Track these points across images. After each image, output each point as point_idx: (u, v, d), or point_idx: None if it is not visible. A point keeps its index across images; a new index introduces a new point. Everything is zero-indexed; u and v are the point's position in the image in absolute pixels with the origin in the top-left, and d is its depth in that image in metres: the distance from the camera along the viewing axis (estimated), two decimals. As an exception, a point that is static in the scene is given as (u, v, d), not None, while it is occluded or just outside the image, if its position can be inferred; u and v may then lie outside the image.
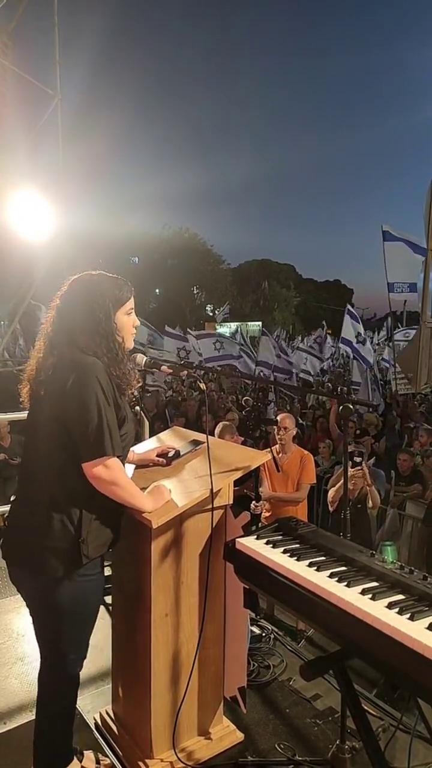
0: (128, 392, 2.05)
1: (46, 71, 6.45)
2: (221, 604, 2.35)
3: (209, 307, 46.97)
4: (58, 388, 1.88)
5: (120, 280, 2.07)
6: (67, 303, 2.02)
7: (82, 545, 1.90)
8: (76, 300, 2.00)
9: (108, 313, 1.99)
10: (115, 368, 1.97)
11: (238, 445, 2.74)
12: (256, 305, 47.13)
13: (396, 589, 1.70)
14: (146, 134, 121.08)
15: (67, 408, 1.87)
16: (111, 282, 2.04)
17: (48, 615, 1.98)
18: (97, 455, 1.85)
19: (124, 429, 2.03)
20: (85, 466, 1.86)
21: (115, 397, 1.96)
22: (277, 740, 2.47)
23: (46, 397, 1.93)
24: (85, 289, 2.01)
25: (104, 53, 68.94)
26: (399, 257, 12.03)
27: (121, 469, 1.95)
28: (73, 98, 7.40)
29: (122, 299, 2.04)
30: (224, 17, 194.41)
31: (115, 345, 1.99)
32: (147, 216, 46.39)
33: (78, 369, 1.88)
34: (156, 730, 2.19)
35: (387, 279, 12.33)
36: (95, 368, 1.90)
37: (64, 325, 1.99)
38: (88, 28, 31.76)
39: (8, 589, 3.78)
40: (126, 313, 2.06)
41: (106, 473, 1.87)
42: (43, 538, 1.89)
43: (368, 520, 4.67)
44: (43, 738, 2.11)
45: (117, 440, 1.91)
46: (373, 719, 2.52)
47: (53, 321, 2.04)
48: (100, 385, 1.88)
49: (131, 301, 2.07)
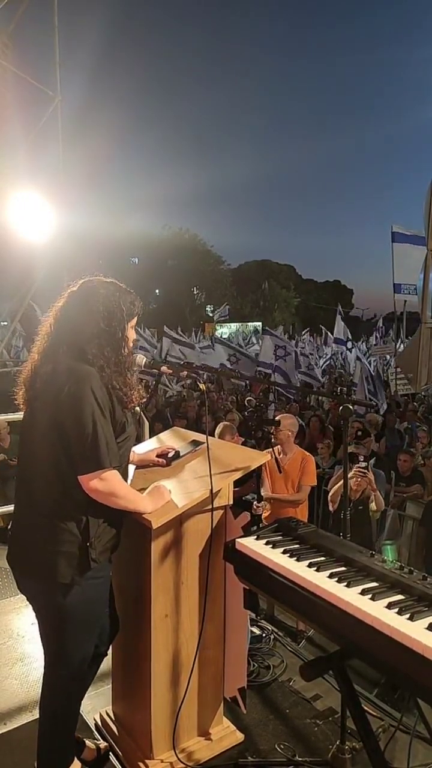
0: (130, 405, 2.02)
1: (46, 72, 6.46)
2: (221, 605, 2.35)
3: (209, 307, 46.98)
4: (53, 399, 1.87)
5: (133, 294, 2.07)
6: (76, 308, 1.98)
7: (90, 549, 1.90)
8: (92, 308, 1.96)
9: (123, 326, 2.00)
10: (118, 380, 1.96)
11: (237, 445, 2.74)
12: (256, 306, 47.14)
13: (396, 590, 1.70)
14: (146, 135, 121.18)
15: (62, 420, 1.86)
16: (127, 295, 2.05)
17: (57, 619, 1.97)
18: (93, 468, 1.84)
19: (124, 434, 2.02)
20: (81, 479, 1.85)
21: (112, 405, 1.94)
22: (277, 741, 2.47)
23: (42, 407, 1.92)
24: (104, 297, 1.98)
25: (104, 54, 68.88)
26: (407, 258, 12.07)
27: (118, 479, 1.93)
28: (73, 99, 7.42)
29: (134, 313, 2.06)
30: (225, 18, 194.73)
31: (122, 357, 1.99)
32: (147, 216, 46.35)
33: (71, 379, 1.86)
34: (156, 730, 2.19)
35: (394, 280, 12.35)
36: (90, 378, 1.87)
37: (70, 331, 1.96)
38: (88, 28, 31.74)
39: (8, 589, 3.78)
40: (132, 326, 2.07)
41: (102, 486, 1.86)
42: (51, 545, 1.89)
43: (369, 520, 4.68)
44: (46, 739, 2.11)
45: (114, 451, 1.90)
46: (373, 719, 2.52)
47: (56, 324, 2.01)
48: (94, 396, 1.85)
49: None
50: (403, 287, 12.52)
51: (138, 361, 2.38)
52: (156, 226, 43.29)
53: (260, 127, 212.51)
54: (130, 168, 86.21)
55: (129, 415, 2.06)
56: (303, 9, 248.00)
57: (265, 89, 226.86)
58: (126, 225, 36.86)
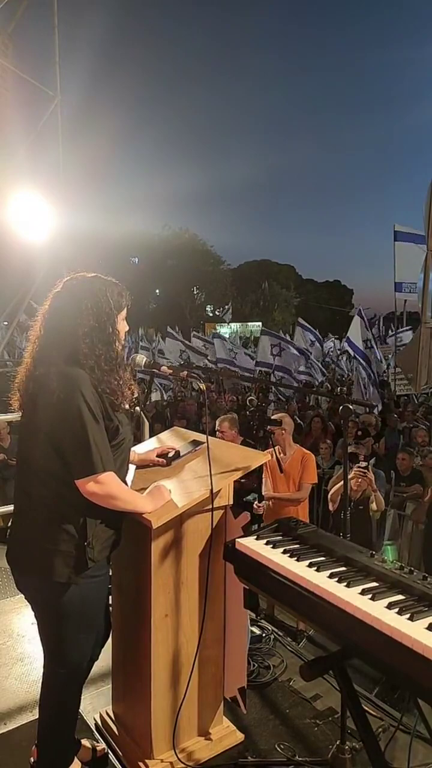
0: (122, 405, 2.00)
1: (46, 72, 6.46)
2: (221, 605, 2.35)
3: (209, 307, 46.99)
4: (45, 404, 1.86)
5: (119, 285, 2.04)
6: (65, 307, 1.96)
7: (88, 549, 1.90)
8: (80, 305, 1.93)
9: (113, 321, 1.98)
10: (110, 379, 1.93)
11: (237, 445, 2.74)
12: (256, 306, 47.14)
13: (396, 590, 1.70)
14: (146, 134, 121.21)
15: (54, 425, 1.86)
16: (113, 287, 2.01)
17: (56, 619, 1.98)
18: (87, 473, 1.83)
19: (119, 437, 2.00)
20: (78, 483, 1.85)
21: (104, 407, 1.92)
22: (277, 740, 2.47)
23: (35, 411, 1.92)
24: (89, 293, 1.95)
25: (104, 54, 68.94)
26: (409, 257, 12.07)
27: (116, 481, 1.92)
28: (73, 99, 7.43)
29: (123, 305, 2.03)
30: (225, 18, 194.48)
31: (114, 353, 1.97)
32: (147, 216, 46.45)
33: (61, 384, 1.84)
34: (156, 730, 2.19)
35: (395, 278, 12.36)
36: (79, 382, 1.85)
37: (60, 332, 1.93)
38: (88, 28, 31.77)
39: (8, 589, 3.78)
40: (122, 319, 2.05)
41: (99, 489, 1.86)
42: (48, 544, 1.89)
43: (369, 520, 4.68)
44: (45, 738, 2.11)
45: (107, 454, 1.88)
46: (373, 719, 2.52)
47: (45, 326, 1.98)
48: (84, 400, 1.84)
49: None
50: (404, 286, 12.53)
51: (138, 361, 2.38)
52: (156, 226, 43.39)
53: (260, 127, 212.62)
54: (130, 167, 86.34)
55: (123, 417, 2.04)
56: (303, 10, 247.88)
57: (265, 89, 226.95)
58: (126, 225, 36.89)
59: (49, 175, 6.53)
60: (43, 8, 6.52)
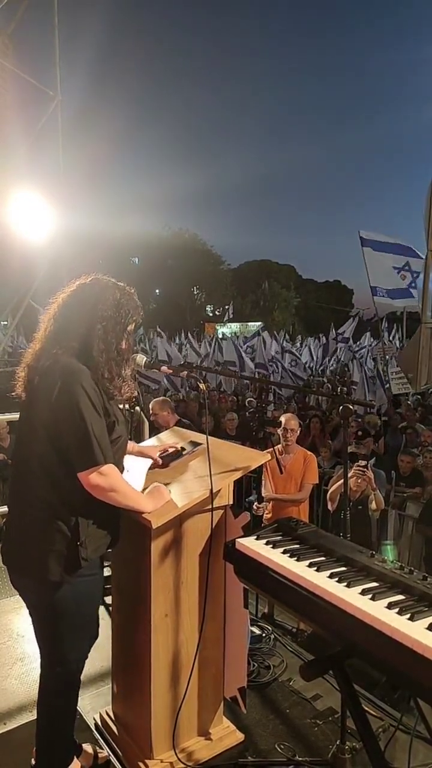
0: (118, 397, 2.02)
1: (46, 72, 6.48)
2: (221, 605, 2.35)
3: (209, 307, 46.98)
4: (46, 396, 1.87)
5: (135, 297, 2.09)
6: (80, 306, 1.99)
7: (80, 548, 1.90)
8: (91, 311, 1.97)
9: (128, 329, 2.04)
10: (112, 377, 1.96)
11: (237, 445, 2.73)
12: (256, 306, 47.14)
13: (396, 590, 1.70)
14: (146, 134, 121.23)
15: (55, 418, 1.86)
16: (132, 300, 2.06)
17: (50, 618, 1.98)
18: (89, 465, 1.84)
19: (115, 433, 2.01)
20: (80, 476, 1.85)
21: (104, 402, 1.94)
22: (277, 740, 2.47)
23: (35, 404, 1.92)
24: (112, 299, 2.00)
25: (104, 54, 68.97)
26: (378, 263, 12.18)
27: (118, 474, 1.93)
28: (73, 99, 7.44)
29: (134, 320, 2.07)
30: (224, 19, 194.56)
31: (122, 357, 2.01)
32: (147, 216, 46.36)
33: (63, 376, 1.86)
34: (156, 730, 2.19)
35: (370, 283, 12.43)
36: (81, 376, 1.87)
37: (69, 331, 1.96)
38: (88, 29, 31.80)
39: (8, 589, 3.78)
40: (131, 331, 2.09)
41: (103, 481, 1.86)
42: (42, 544, 1.89)
43: (369, 520, 4.67)
44: (44, 739, 2.11)
45: (107, 447, 1.89)
46: (373, 719, 2.52)
47: (55, 320, 2.00)
48: (85, 393, 1.85)
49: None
50: (379, 290, 12.56)
51: (138, 361, 2.38)
52: (156, 226, 43.37)
53: (260, 127, 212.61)
54: (130, 168, 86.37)
55: (119, 413, 2.05)
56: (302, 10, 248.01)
57: (265, 90, 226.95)
58: (126, 225, 36.91)
59: (49, 175, 6.54)
60: (43, 8, 6.53)
